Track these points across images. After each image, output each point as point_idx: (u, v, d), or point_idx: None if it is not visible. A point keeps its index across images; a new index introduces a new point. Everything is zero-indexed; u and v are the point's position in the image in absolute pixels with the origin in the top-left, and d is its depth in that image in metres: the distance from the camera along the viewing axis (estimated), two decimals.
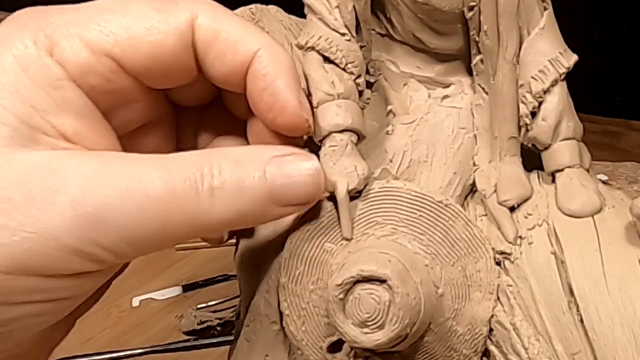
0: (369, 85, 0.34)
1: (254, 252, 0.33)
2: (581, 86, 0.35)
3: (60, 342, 0.30)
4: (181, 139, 0.32)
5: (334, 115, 0.31)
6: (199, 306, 0.74)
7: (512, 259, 0.31)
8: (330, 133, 0.31)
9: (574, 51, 0.33)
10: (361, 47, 0.33)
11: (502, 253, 0.31)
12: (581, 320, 0.29)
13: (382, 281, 0.28)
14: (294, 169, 0.27)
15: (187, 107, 0.31)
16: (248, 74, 0.28)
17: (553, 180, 0.32)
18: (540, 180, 0.33)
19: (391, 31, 0.34)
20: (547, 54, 0.32)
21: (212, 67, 0.27)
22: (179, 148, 0.31)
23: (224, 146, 0.31)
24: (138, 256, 0.25)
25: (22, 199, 0.23)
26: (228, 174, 0.25)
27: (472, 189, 0.33)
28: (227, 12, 0.28)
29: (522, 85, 0.32)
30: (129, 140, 0.29)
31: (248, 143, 0.31)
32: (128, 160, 0.25)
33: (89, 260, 0.24)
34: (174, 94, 0.30)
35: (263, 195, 0.26)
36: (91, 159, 0.24)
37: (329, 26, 0.32)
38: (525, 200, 0.32)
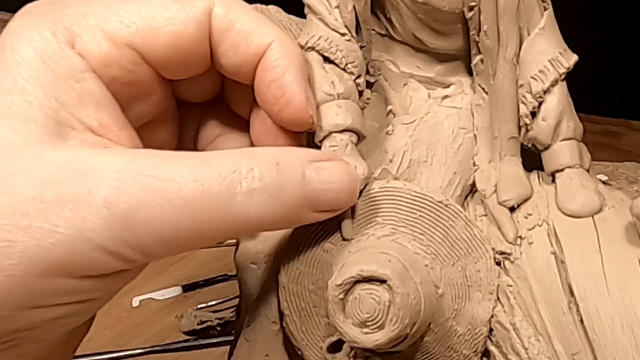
0: (369, 85, 0.34)
1: (254, 252, 0.33)
2: (581, 86, 0.35)
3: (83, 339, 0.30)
4: (182, 136, 0.32)
5: (334, 115, 0.31)
6: (199, 306, 0.74)
7: (512, 259, 0.31)
8: (330, 133, 0.31)
9: (574, 51, 0.33)
10: (361, 47, 0.33)
11: (502, 253, 0.31)
12: (581, 320, 0.29)
13: (382, 281, 0.28)
14: (333, 175, 0.27)
15: (190, 103, 0.31)
16: (258, 66, 0.28)
17: (553, 180, 0.32)
18: (540, 180, 0.33)
19: (391, 31, 0.34)
20: (547, 54, 0.32)
21: (224, 56, 0.28)
22: (179, 146, 0.31)
23: (226, 146, 0.31)
24: (168, 255, 0.25)
25: (55, 200, 0.23)
26: (269, 177, 0.25)
27: (472, 189, 0.33)
28: (242, 4, 0.28)
29: (522, 85, 0.32)
30: (138, 132, 0.29)
31: (250, 141, 0.31)
32: (161, 159, 0.24)
33: (120, 260, 0.24)
34: (181, 89, 0.30)
35: (301, 199, 0.26)
36: (123, 156, 0.24)
37: (329, 26, 0.32)
38: (525, 200, 0.32)
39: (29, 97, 0.24)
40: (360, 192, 0.31)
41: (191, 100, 0.31)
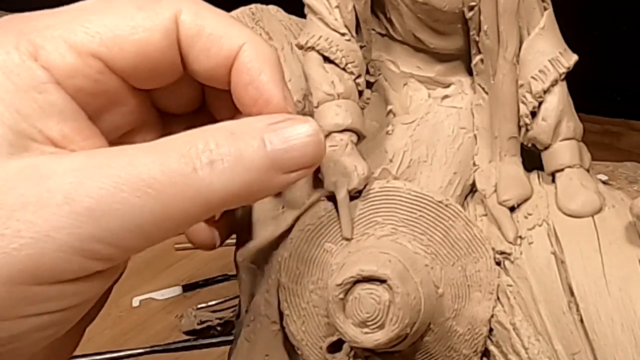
0: (369, 85, 0.34)
1: (254, 252, 0.33)
2: (581, 86, 0.35)
3: (73, 353, 0.29)
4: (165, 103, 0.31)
5: (334, 115, 0.31)
6: (199, 306, 0.73)
7: (512, 259, 0.31)
8: (330, 133, 0.31)
9: (574, 51, 0.33)
10: (361, 47, 0.33)
11: (502, 253, 0.31)
12: (581, 320, 0.29)
13: (382, 281, 0.28)
14: (293, 132, 0.26)
15: (174, 115, 0.30)
16: (232, 69, 0.27)
17: (553, 180, 0.32)
18: (540, 180, 0.33)
19: (391, 31, 0.34)
20: (547, 54, 0.32)
21: (196, 61, 0.27)
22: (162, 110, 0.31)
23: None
24: (145, 247, 0.25)
25: (15, 204, 0.22)
26: (225, 147, 0.25)
27: (472, 189, 0.33)
28: (210, 8, 0.28)
29: (522, 85, 0.32)
30: (117, 142, 0.28)
31: None
32: (116, 150, 0.24)
33: (93, 259, 0.23)
34: (160, 99, 0.30)
35: (265, 163, 0.25)
36: (79, 155, 0.24)
37: (329, 26, 0.32)
38: (525, 200, 0.32)
39: None
40: (360, 192, 0.31)
41: (174, 111, 0.30)
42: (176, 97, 0.29)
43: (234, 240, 0.35)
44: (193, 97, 0.30)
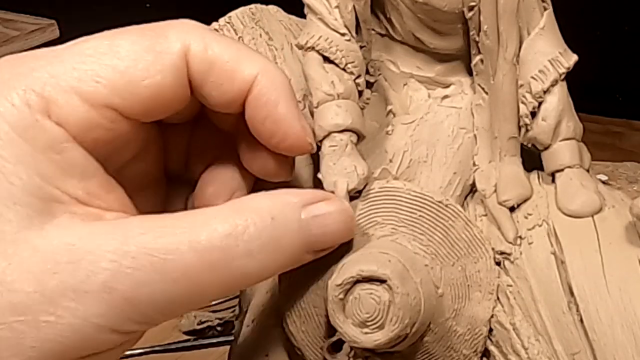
0: (369, 85, 0.34)
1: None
2: (583, 86, 0.35)
3: None
4: (170, 157, 0.31)
5: (334, 115, 0.31)
6: None
7: (512, 259, 0.31)
8: (330, 133, 0.31)
9: (575, 51, 0.33)
10: (361, 47, 0.33)
11: (502, 253, 0.31)
12: (581, 320, 0.29)
13: (382, 281, 0.28)
14: (328, 217, 0.27)
15: (174, 124, 0.30)
16: (247, 102, 0.27)
17: (553, 180, 0.32)
18: (540, 180, 0.33)
19: (391, 31, 0.34)
20: (547, 54, 0.32)
21: (209, 96, 0.27)
22: (168, 168, 0.31)
23: (218, 178, 0.30)
24: (167, 320, 0.25)
25: (55, 292, 0.23)
26: (265, 234, 0.25)
27: (472, 189, 0.33)
28: (218, 38, 0.27)
29: (522, 85, 0.32)
30: (119, 171, 0.28)
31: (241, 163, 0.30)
32: (152, 230, 0.24)
33: (125, 334, 0.24)
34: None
35: (299, 247, 0.26)
36: (115, 233, 0.24)
37: (329, 26, 0.32)
38: (525, 200, 0.32)
39: (11, 178, 0.23)
40: (360, 192, 0.31)
41: (173, 122, 0.30)
42: (178, 113, 0.29)
43: None
44: (193, 109, 0.29)
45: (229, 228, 0.24)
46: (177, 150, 0.31)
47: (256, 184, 0.30)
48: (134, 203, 0.27)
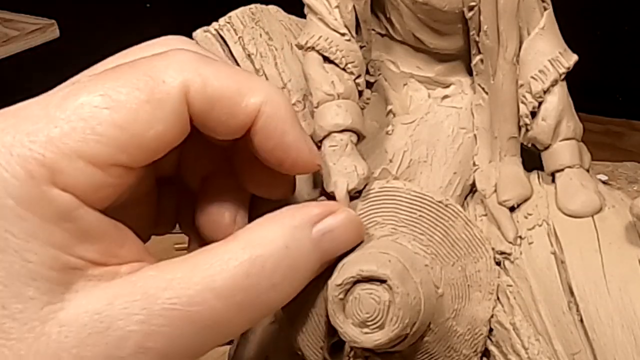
0: (369, 85, 0.34)
1: None
2: (583, 86, 0.35)
3: None
4: (161, 168, 0.30)
5: (334, 115, 0.31)
6: None
7: (512, 259, 0.31)
8: (330, 133, 0.31)
9: (575, 51, 0.33)
10: (361, 47, 0.33)
11: (502, 253, 0.31)
12: (581, 320, 0.29)
13: (382, 281, 0.28)
14: (338, 230, 0.27)
15: None
16: (253, 132, 0.26)
17: (553, 180, 0.32)
18: (540, 180, 0.33)
19: (391, 31, 0.34)
20: (547, 54, 0.32)
21: (213, 131, 0.26)
22: (159, 175, 0.30)
23: (218, 195, 0.29)
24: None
25: None
26: (284, 265, 0.25)
27: (472, 189, 0.33)
28: (215, 68, 0.26)
29: (522, 85, 0.32)
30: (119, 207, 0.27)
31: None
32: (173, 282, 0.24)
33: None
34: None
35: (315, 265, 0.26)
36: (137, 293, 0.23)
37: (329, 26, 0.32)
38: (525, 200, 0.32)
39: (26, 255, 0.22)
40: (360, 192, 0.31)
41: None
42: None
43: None
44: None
45: (248, 267, 0.24)
46: (169, 161, 0.30)
47: (253, 197, 0.30)
48: (129, 217, 0.26)
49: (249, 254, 0.25)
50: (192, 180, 0.30)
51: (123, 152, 0.24)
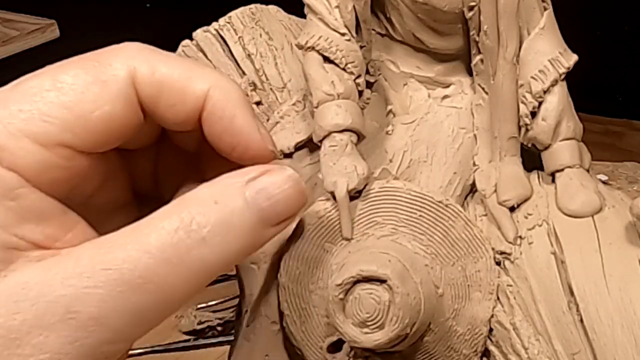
0: (369, 85, 0.34)
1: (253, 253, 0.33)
2: (583, 86, 0.35)
3: None
4: (138, 181, 0.30)
5: (334, 115, 0.31)
6: (199, 306, 0.74)
7: (512, 259, 0.31)
8: (330, 133, 0.31)
9: (575, 51, 0.33)
10: (361, 47, 0.33)
11: (502, 253, 0.31)
12: (581, 320, 0.29)
13: (382, 281, 0.28)
14: (273, 186, 0.26)
15: (136, 149, 0.29)
16: (202, 118, 0.26)
17: (553, 180, 0.32)
18: (540, 180, 0.33)
19: (391, 31, 0.34)
20: (547, 54, 0.32)
21: (162, 118, 0.26)
22: (136, 190, 0.30)
23: (188, 189, 0.30)
24: (149, 331, 0.25)
25: (20, 331, 0.22)
26: (212, 218, 0.24)
27: (472, 189, 0.33)
28: (164, 56, 0.26)
29: (522, 85, 0.32)
30: (85, 202, 0.27)
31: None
32: (104, 247, 0.23)
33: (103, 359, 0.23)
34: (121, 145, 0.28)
35: (253, 223, 0.25)
36: (67, 261, 0.23)
37: (329, 26, 0.32)
38: (525, 200, 0.32)
39: None
40: (360, 192, 0.31)
41: (136, 147, 0.29)
42: (136, 138, 0.28)
43: None
44: (153, 133, 0.29)
45: (175, 223, 0.24)
46: (144, 174, 0.30)
47: None
48: (105, 229, 0.26)
49: (178, 211, 0.24)
50: (168, 193, 0.30)
51: (69, 132, 0.24)
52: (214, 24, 0.38)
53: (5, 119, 0.23)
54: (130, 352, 0.71)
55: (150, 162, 0.30)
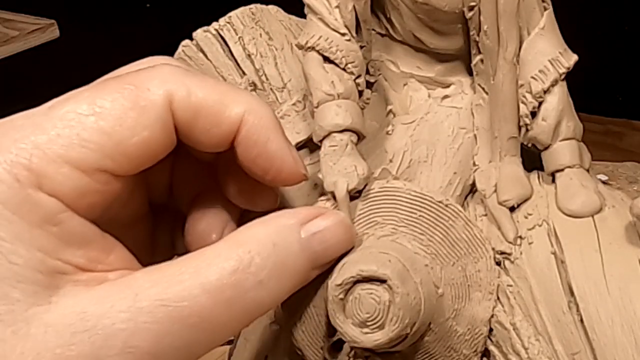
0: (369, 85, 0.34)
1: None
2: (583, 86, 0.35)
3: None
4: (154, 192, 0.30)
5: (334, 115, 0.31)
6: None
7: (512, 259, 0.31)
8: (330, 133, 0.31)
9: (575, 51, 0.33)
10: (361, 47, 0.33)
11: (502, 253, 0.31)
12: (581, 320, 0.29)
13: (382, 281, 0.28)
14: (327, 232, 0.27)
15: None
16: (236, 142, 0.27)
17: (553, 180, 0.32)
18: (540, 180, 0.33)
19: (391, 31, 0.34)
20: (547, 54, 0.32)
21: (197, 141, 0.26)
22: (152, 200, 0.30)
23: (207, 204, 0.30)
24: None
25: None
26: (271, 262, 0.25)
27: (472, 189, 0.33)
28: (199, 79, 0.26)
29: (522, 85, 0.32)
30: (111, 220, 0.27)
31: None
32: (160, 280, 0.24)
33: None
34: None
35: (305, 266, 0.26)
36: (124, 291, 0.23)
37: (329, 26, 0.32)
38: (525, 200, 0.32)
39: (12, 257, 0.23)
40: (360, 192, 0.31)
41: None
42: None
43: None
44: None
45: (235, 263, 0.24)
46: (160, 185, 0.30)
47: (243, 214, 0.30)
48: (127, 242, 0.26)
49: (237, 250, 0.25)
50: (184, 204, 0.30)
51: (108, 158, 0.24)
52: (214, 24, 0.38)
53: (44, 145, 0.23)
54: None
55: (167, 173, 0.30)
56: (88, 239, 0.24)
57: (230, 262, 0.24)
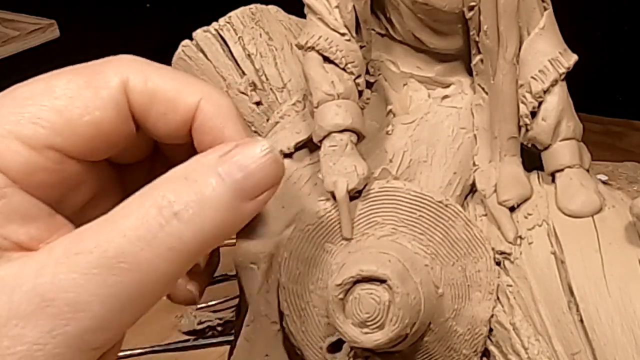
0: (369, 85, 0.34)
1: (254, 252, 0.33)
2: (584, 86, 0.35)
3: None
4: (132, 194, 0.30)
5: (334, 115, 0.31)
6: (199, 306, 0.73)
7: (512, 259, 0.31)
8: (330, 133, 0.31)
9: (575, 51, 0.33)
10: (361, 47, 0.33)
11: (502, 253, 0.31)
12: (581, 320, 0.29)
13: (382, 281, 0.28)
14: (246, 158, 0.25)
15: (130, 164, 0.29)
16: (193, 129, 0.26)
17: (553, 180, 0.32)
18: (540, 180, 0.33)
19: (391, 31, 0.34)
20: (547, 54, 0.32)
21: (154, 128, 0.26)
22: None
23: None
24: (138, 319, 0.24)
25: (0, 322, 0.22)
26: (184, 193, 0.23)
27: (472, 189, 0.33)
28: (157, 67, 0.26)
29: (522, 85, 0.32)
30: (79, 213, 0.27)
31: None
32: (76, 235, 0.23)
33: (91, 349, 0.23)
34: (114, 157, 0.28)
35: (229, 197, 0.24)
36: (41, 253, 0.23)
37: (329, 26, 0.32)
38: (525, 200, 0.32)
39: None
40: (360, 192, 0.31)
41: (129, 161, 0.29)
42: (129, 151, 0.28)
43: (234, 240, 0.35)
44: (146, 146, 0.29)
45: (148, 201, 0.23)
46: (138, 188, 0.30)
47: None
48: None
49: (149, 192, 0.24)
50: None
51: (58, 135, 0.24)
52: (214, 24, 0.38)
53: None
54: (130, 352, 0.71)
55: (144, 177, 0.29)
56: (32, 216, 0.24)
57: (141, 200, 0.23)
